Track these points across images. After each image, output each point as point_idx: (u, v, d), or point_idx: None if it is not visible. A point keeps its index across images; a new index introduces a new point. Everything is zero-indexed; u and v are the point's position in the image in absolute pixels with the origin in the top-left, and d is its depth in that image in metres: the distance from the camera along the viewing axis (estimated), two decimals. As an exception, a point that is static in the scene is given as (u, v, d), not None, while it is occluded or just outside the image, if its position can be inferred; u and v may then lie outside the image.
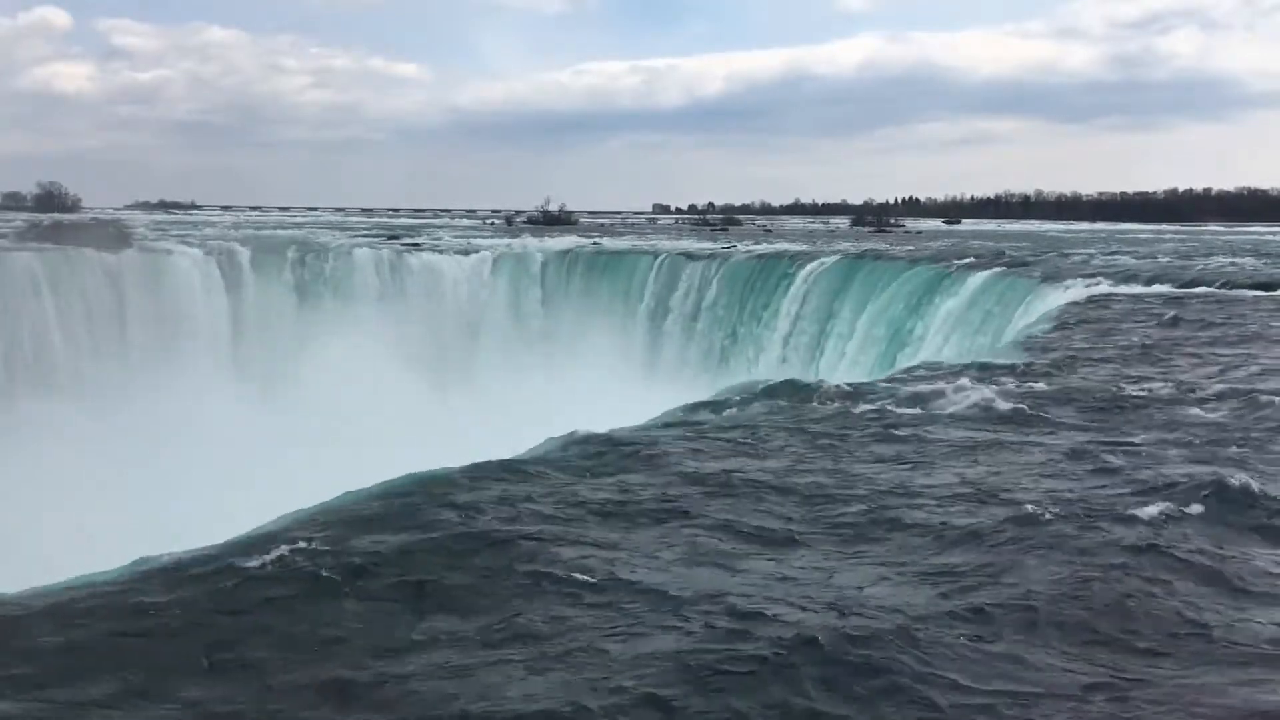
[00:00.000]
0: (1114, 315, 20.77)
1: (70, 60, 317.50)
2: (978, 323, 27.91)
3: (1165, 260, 36.90)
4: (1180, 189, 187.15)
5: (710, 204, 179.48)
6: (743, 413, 12.08)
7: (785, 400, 12.71)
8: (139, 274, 39.40)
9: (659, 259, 45.59)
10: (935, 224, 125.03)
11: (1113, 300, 23.83)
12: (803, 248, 47.19)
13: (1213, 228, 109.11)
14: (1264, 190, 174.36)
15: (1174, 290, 25.86)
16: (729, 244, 52.51)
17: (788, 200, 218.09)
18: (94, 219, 57.41)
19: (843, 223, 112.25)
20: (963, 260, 35.73)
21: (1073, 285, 27.19)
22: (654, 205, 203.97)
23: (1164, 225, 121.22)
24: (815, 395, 12.97)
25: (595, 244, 52.99)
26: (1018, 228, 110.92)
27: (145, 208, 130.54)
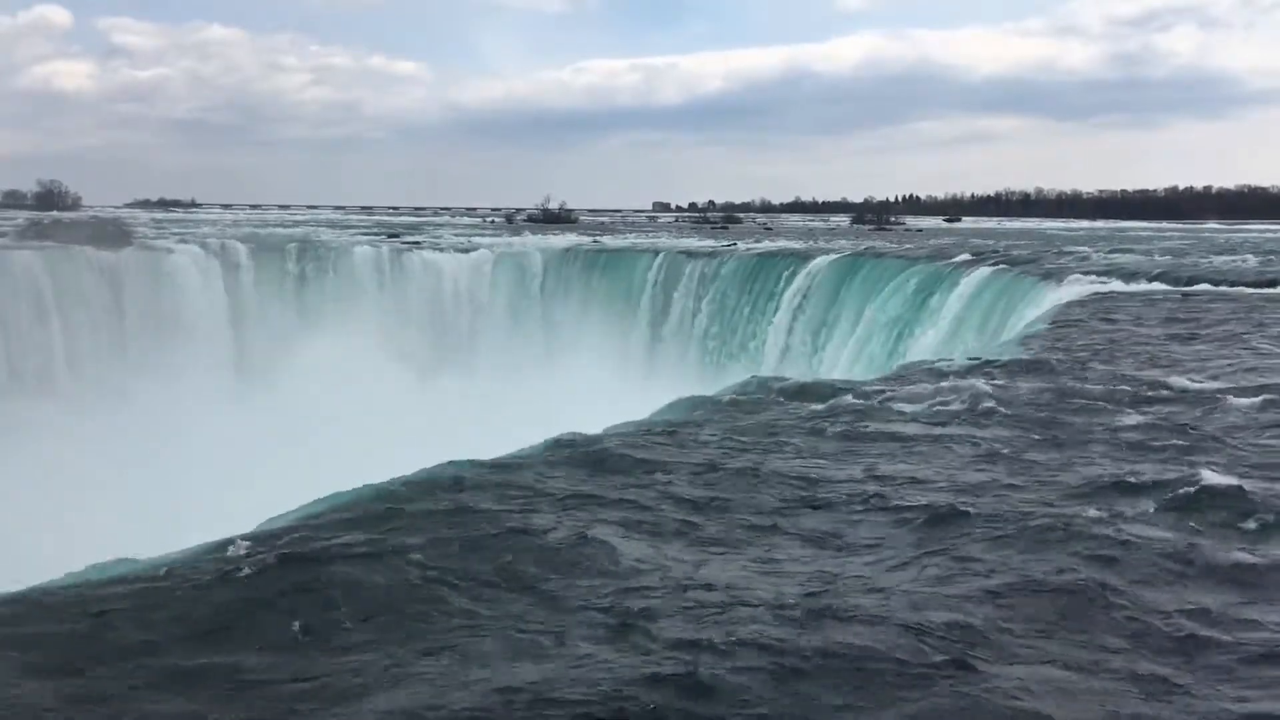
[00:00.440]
0: (1114, 313, 20.75)
1: (70, 59, 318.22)
2: (978, 320, 27.92)
3: (1165, 259, 36.89)
4: (1180, 187, 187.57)
5: (710, 202, 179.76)
6: (742, 410, 12.06)
7: (785, 398, 12.70)
8: (139, 272, 39.43)
9: (659, 257, 45.59)
10: (935, 222, 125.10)
11: (1113, 298, 23.82)
12: (803, 245, 47.20)
13: (1213, 225, 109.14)
14: (1264, 188, 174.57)
15: (1174, 288, 25.87)
16: (729, 242, 52.52)
17: (788, 198, 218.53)
18: (94, 217, 57.47)
19: (843, 221, 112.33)
20: (963, 258, 35.73)
21: (1073, 282, 27.19)
22: (654, 203, 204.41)
23: (1164, 223, 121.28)
24: (815, 393, 12.95)
25: (596, 242, 53.00)
26: (1018, 226, 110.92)
27: (145, 206, 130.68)
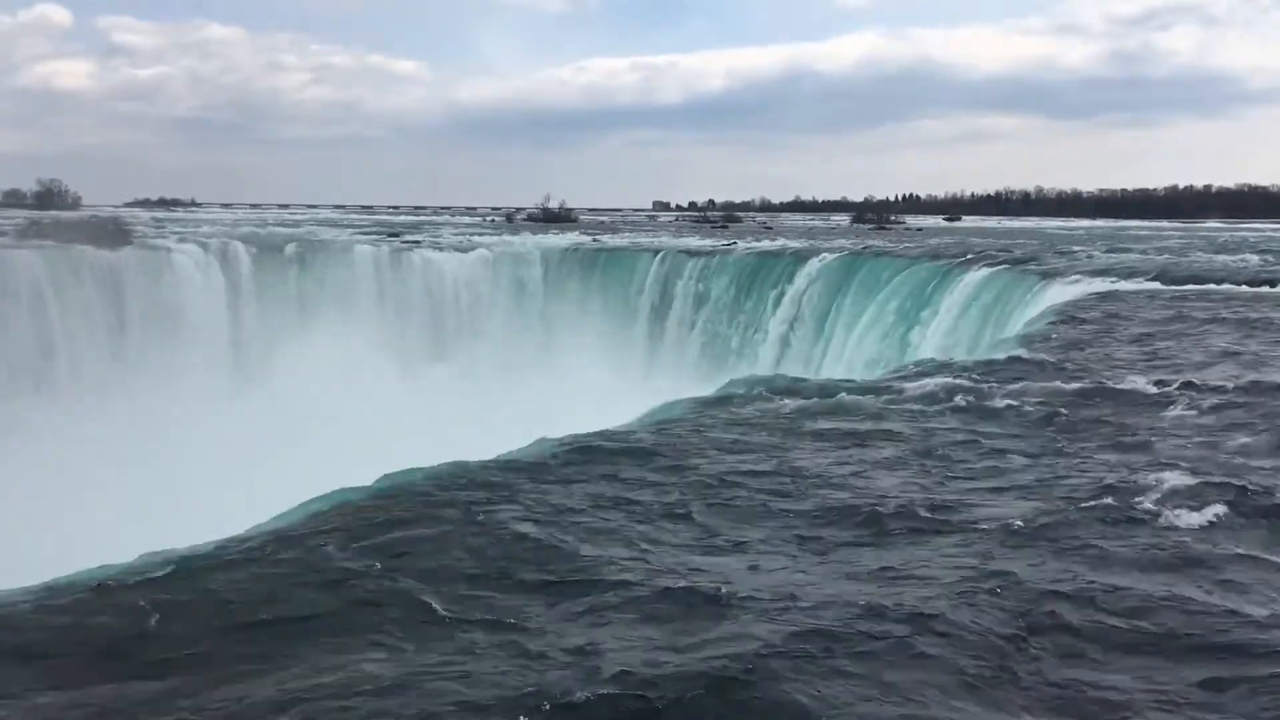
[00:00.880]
0: (1114, 312, 20.75)
1: (70, 58, 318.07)
2: (978, 320, 27.90)
3: (1165, 258, 36.88)
4: (1181, 186, 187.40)
5: (710, 201, 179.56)
6: (742, 409, 12.06)
7: (784, 397, 12.69)
8: (139, 272, 39.39)
9: (659, 256, 45.58)
10: (936, 221, 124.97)
11: (1113, 297, 23.81)
12: (803, 244, 47.17)
13: (1213, 224, 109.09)
14: (1264, 187, 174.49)
15: (1174, 288, 25.87)
16: (729, 241, 52.48)
17: (788, 197, 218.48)
18: (94, 216, 57.35)
19: (843, 220, 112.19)
20: (963, 257, 35.71)
21: (1073, 282, 27.19)
22: (654, 202, 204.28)
23: (1164, 222, 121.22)
24: (815, 392, 12.95)
25: (596, 241, 52.98)
26: (1018, 225, 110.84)
27: (145, 205, 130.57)
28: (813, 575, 6.75)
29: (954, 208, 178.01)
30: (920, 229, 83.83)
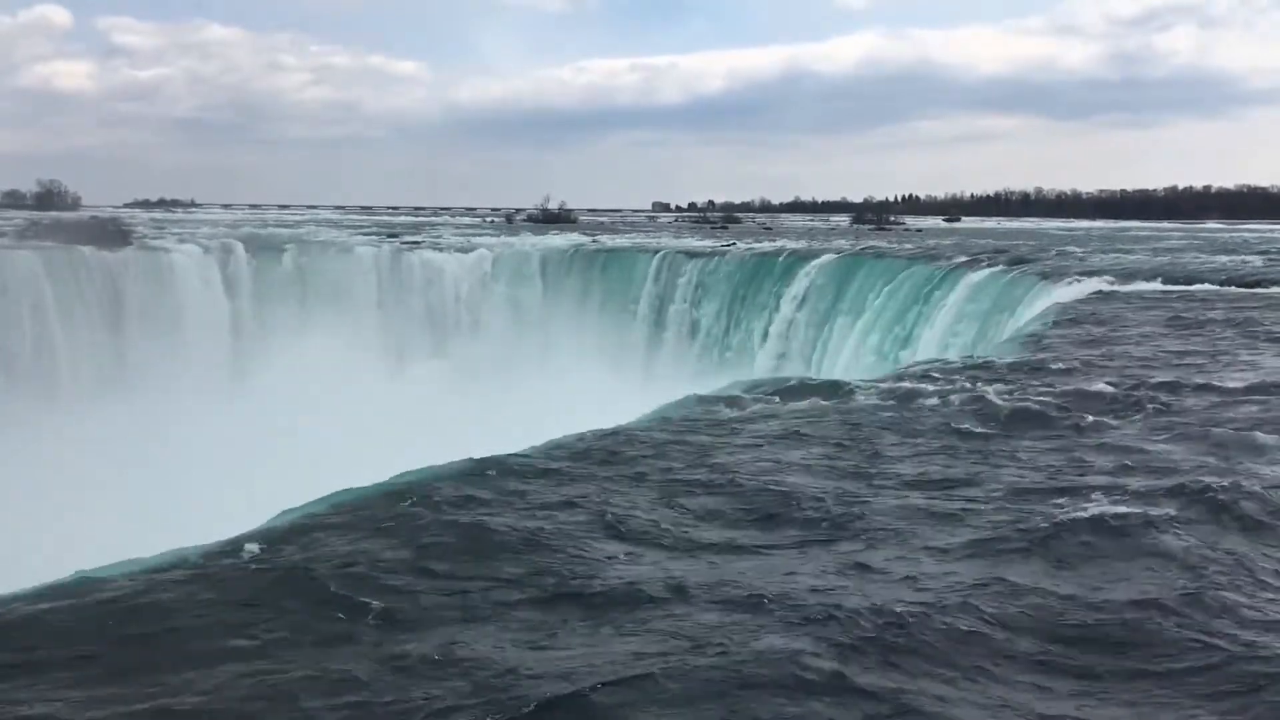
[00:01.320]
0: (1113, 312, 20.76)
1: (70, 58, 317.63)
2: (978, 320, 27.91)
3: (1164, 258, 36.89)
4: (1180, 186, 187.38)
5: (710, 202, 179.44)
6: (742, 409, 12.07)
7: (783, 397, 12.70)
8: (138, 272, 39.39)
9: (659, 256, 45.58)
10: (935, 222, 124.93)
11: (1113, 297, 23.82)
12: (803, 245, 47.17)
13: (1212, 225, 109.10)
14: (1264, 188, 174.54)
15: (1173, 288, 25.88)
16: (729, 242, 52.47)
17: (787, 198, 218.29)
18: (93, 217, 57.34)
19: (843, 220, 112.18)
20: (963, 258, 35.71)
21: (1072, 282, 27.19)
22: (654, 203, 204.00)
23: (1163, 223, 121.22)
24: (814, 392, 12.95)
25: (595, 242, 52.98)
26: (1018, 225, 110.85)
27: (145, 206, 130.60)
28: (813, 575, 6.75)
29: (954, 208, 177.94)
30: (920, 230, 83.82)
